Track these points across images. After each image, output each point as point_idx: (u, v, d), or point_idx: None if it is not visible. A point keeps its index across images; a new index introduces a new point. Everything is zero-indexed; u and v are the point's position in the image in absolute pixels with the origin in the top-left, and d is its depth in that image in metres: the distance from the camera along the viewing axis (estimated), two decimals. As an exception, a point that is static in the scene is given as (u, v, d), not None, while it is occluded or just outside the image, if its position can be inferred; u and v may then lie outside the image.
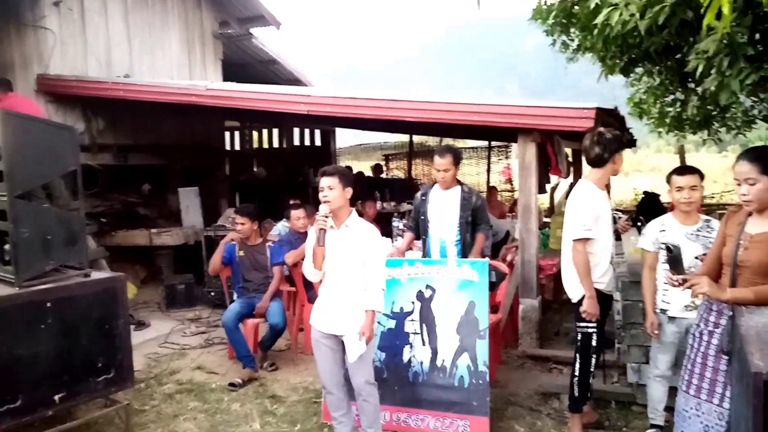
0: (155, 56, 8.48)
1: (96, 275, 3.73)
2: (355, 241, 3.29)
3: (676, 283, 2.62)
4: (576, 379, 3.58)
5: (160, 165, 8.80)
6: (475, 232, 4.46)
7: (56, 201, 4.00)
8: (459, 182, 4.52)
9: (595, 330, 3.51)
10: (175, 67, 8.77)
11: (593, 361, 3.56)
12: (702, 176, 3.39)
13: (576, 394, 3.59)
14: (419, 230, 4.65)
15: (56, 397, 3.44)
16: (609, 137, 3.44)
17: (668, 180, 3.48)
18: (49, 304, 3.40)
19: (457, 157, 4.44)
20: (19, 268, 3.38)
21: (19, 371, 3.27)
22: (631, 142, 3.51)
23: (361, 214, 3.72)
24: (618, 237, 3.98)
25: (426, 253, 4.55)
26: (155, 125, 8.27)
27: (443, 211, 4.46)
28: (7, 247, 3.47)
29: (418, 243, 4.75)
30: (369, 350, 3.33)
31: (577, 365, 3.58)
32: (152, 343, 5.77)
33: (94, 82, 7.00)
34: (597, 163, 3.50)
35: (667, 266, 2.83)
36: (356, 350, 3.24)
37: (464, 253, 4.41)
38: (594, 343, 3.52)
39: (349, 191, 3.31)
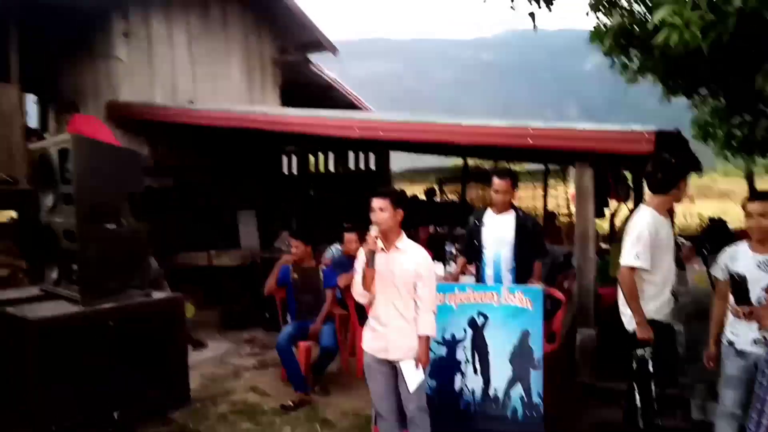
0: (217, 83, 8.80)
1: (156, 295, 3.86)
2: (406, 263, 3.27)
3: (741, 315, 2.48)
4: (639, 410, 3.43)
5: (221, 188, 9.07)
6: (531, 258, 4.37)
7: (121, 223, 4.16)
8: (514, 207, 4.46)
9: (651, 355, 3.38)
10: (235, 92, 9.07)
11: (653, 387, 3.41)
12: None
13: (641, 425, 3.43)
14: (472, 255, 4.59)
15: (115, 414, 3.55)
16: (672, 162, 3.37)
17: (744, 207, 3.34)
18: (110, 323, 3.54)
19: (515, 181, 4.42)
20: (84, 288, 3.54)
21: (81, 387, 3.40)
22: (696, 167, 3.39)
23: (412, 238, 3.71)
24: (682, 266, 3.82)
25: (480, 279, 4.48)
26: (216, 149, 8.54)
27: (498, 236, 4.39)
28: (74, 266, 3.64)
29: (471, 267, 4.69)
30: (423, 372, 3.29)
31: (636, 395, 3.43)
32: (209, 363, 5.87)
33: (160, 108, 7.32)
34: (659, 189, 3.41)
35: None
36: (415, 379, 3.21)
37: (520, 279, 4.32)
38: (651, 369, 3.39)
39: (400, 213, 3.31)
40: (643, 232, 3.32)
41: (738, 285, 2.55)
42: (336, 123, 5.88)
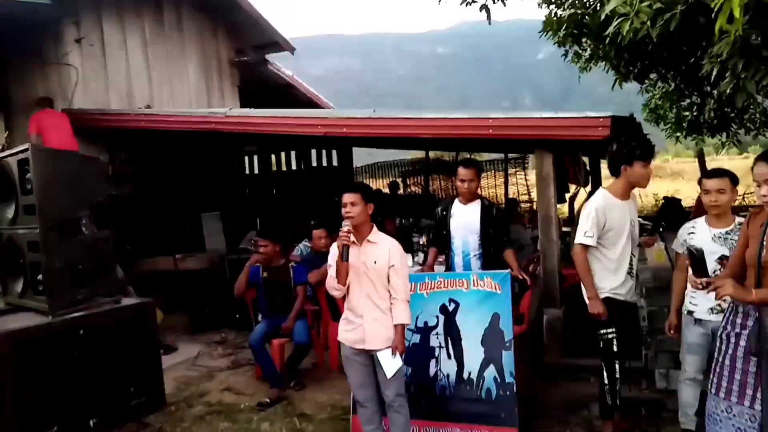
0: (174, 86, 8.69)
1: (125, 301, 3.83)
2: (378, 255, 3.34)
3: (700, 286, 2.63)
4: (607, 387, 3.58)
5: (182, 191, 8.96)
6: (501, 247, 4.51)
7: (85, 232, 4.11)
8: (479, 196, 4.59)
9: (614, 335, 3.54)
10: (194, 95, 8.97)
11: (617, 366, 3.56)
12: (734, 180, 3.40)
13: (608, 402, 3.59)
14: (442, 245, 4.70)
15: (91, 422, 3.52)
16: (620, 148, 3.53)
17: (700, 183, 3.52)
18: (81, 332, 3.50)
19: (480, 170, 4.57)
20: (52, 298, 3.49)
21: (55, 398, 3.36)
22: (648, 155, 3.53)
23: (380, 230, 3.77)
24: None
25: (449, 267, 4.59)
26: (176, 153, 8.44)
27: (465, 224, 4.53)
28: (39, 277, 3.59)
29: (442, 257, 4.80)
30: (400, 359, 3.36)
31: (604, 372, 3.58)
32: (181, 367, 5.83)
33: (116, 114, 7.20)
34: (612, 172, 3.59)
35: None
36: (393, 366, 3.29)
37: (487, 265, 4.45)
38: (615, 348, 3.54)
39: (371, 207, 3.38)
40: (591, 212, 3.50)
41: (695, 258, 2.69)
42: (299, 121, 5.89)
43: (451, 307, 3.91)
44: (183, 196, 9.19)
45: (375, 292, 3.35)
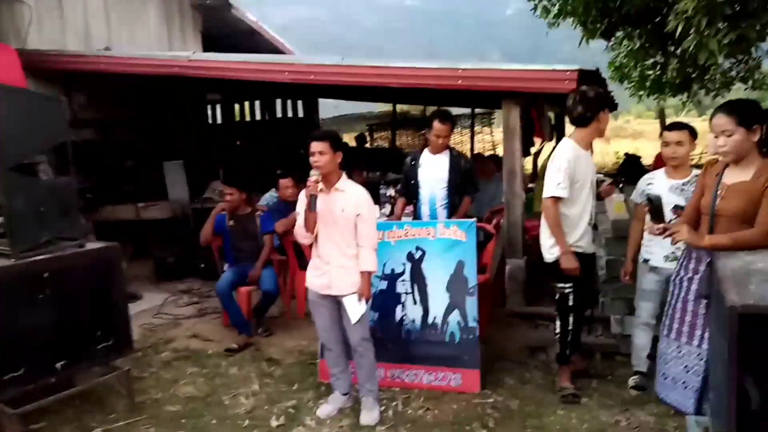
0: (134, 29, 8.37)
1: (90, 245, 3.77)
2: (346, 203, 3.37)
3: (657, 232, 2.75)
4: (558, 336, 3.73)
5: (144, 140, 8.76)
6: (463, 195, 4.60)
7: (47, 173, 4.02)
8: (448, 146, 4.64)
9: (571, 290, 3.60)
10: (154, 39, 8.66)
11: (571, 319, 3.66)
12: (693, 134, 3.52)
13: (558, 350, 3.76)
14: (410, 195, 4.76)
15: (58, 365, 3.51)
16: (592, 95, 3.48)
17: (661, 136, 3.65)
18: (45, 275, 3.45)
19: (454, 123, 4.66)
20: (14, 240, 3.41)
21: (21, 341, 3.33)
22: (613, 106, 3.61)
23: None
24: (600, 199, 4.09)
25: (417, 216, 4.67)
26: (137, 99, 8.20)
27: (433, 174, 4.60)
28: (0, 219, 3.50)
29: (410, 208, 4.86)
30: (366, 307, 3.44)
31: (557, 323, 3.72)
32: (146, 315, 5.83)
33: (73, 55, 6.91)
34: (580, 122, 3.53)
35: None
36: (357, 311, 3.37)
37: (453, 215, 4.55)
38: (571, 303, 3.62)
39: (339, 155, 3.38)
40: (562, 164, 3.46)
41: (653, 205, 2.81)
42: (265, 66, 5.77)
43: (417, 255, 3.99)
44: (144, 144, 8.98)
45: (342, 240, 3.39)
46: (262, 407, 3.78)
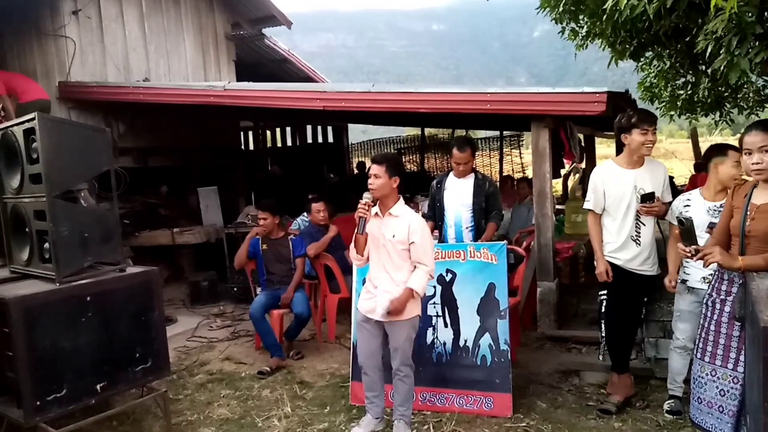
0: (171, 60, 8.66)
1: (131, 270, 3.90)
2: (398, 229, 3.36)
3: (689, 254, 2.73)
4: (603, 347, 3.94)
5: (179, 166, 9.01)
6: (488, 220, 4.62)
7: (91, 200, 4.17)
8: (474, 170, 4.71)
9: (605, 297, 3.85)
10: (190, 69, 8.95)
11: (603, 326, 3.92)
12: None
13: (600, 357, 4.02)
14: (437, 218, 4.81)
15: (98, 386, 3.60)
16: (618, 119, 3.71)
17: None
18: (88, 298, 3.57)
19: (474, 148, 4.73)
20: (58, 265, 3.55)
21: (64, 362, 3.44)
22: (648, 118, 3.69)
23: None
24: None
25: (442, 239, 4.71)
26: (173, 127, 8.45)
27: (458, 197, 4.66)
28: (46, 245, 3.65)
29: (436, 232, 4.90)
30: (411, 332, 3.44)
31: (601, 332, 3.98)
32: (180, 338, 5.95)
33: (114, 87, 7.19)
34: (618, 143, 3.81)
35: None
36: (381, 306, 3.37)
37: (477, 237, 4.60)
38: (603, 310, 3.89)
39: (396, 180, 3.39)
40: (591, 180, 3.77)
41: (684, 227, 2.80)
42: (298, 95, 5.92)
43: (448, 278, 4.01)
44: (181, 171, 9.24)
45: (391, 265, 3.39)
46: (295, 430, 3.82)
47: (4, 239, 4.07)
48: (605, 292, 3.84)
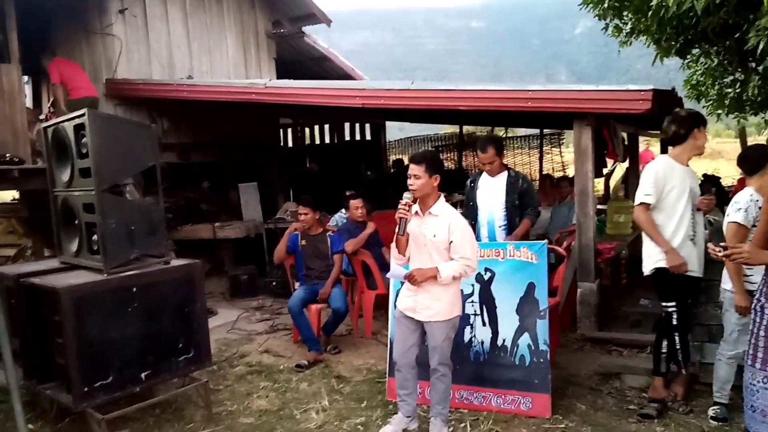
0: (213, 57, 8.81)
1: (175, 262, 4.00)
2: (438, 228, 3.33)
3: (718, 254, 2.64)
4: (663, 354, 3.70)
5: (220, 162, 9.17)
6: (522, 217, 4.57)
7: (138, 194, 4.29)
8: (506, 167, 4.67)
9: (674, 309, 3.62)
10: (231, 67, 9.08)
11: (677, 338, 3.65)
12: None
13: (653, 364, 3.79)
14: (471, 217, 4.80)
15: (142, 375, 3.71)
16: (683, 115, 3.65)
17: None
18: (134, 290, 3.68)
19: (499, 146, 4.64)
20: (106, 257, 3.67)
21: (110, 351, 3.55)
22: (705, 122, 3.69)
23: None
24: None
25: (476, 237, 4.68)
26: (215, 124, 8.59)
27: (490, 196, 4.64)
28: (95, 237, 3.77)
29: None
30: (450, 332, 3.42)
31: (664, 343, 3.68)
32: (221, 330, 6.06)
33: (159, 84, 7.36)
34: (675, 140, 3.67)
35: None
36: (397, 273, 3.39)
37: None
38: (675, 322, 3.63)
39: (436, 178, 3.35)
40: (651, 173, 3.62)
41: (713, 227, 2.72)
42: (338, 92, 5.97)
43: (486, 276, 3.99)
44: (223, 167, 9.41)
45: (431, 264, 3.35)
46: (332, 423, 3.86)
47: (55, 231, 4.23)
48: (673, 304, 3.62)
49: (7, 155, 6.20)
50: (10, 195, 9.96)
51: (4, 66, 6.45)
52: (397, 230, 3.37)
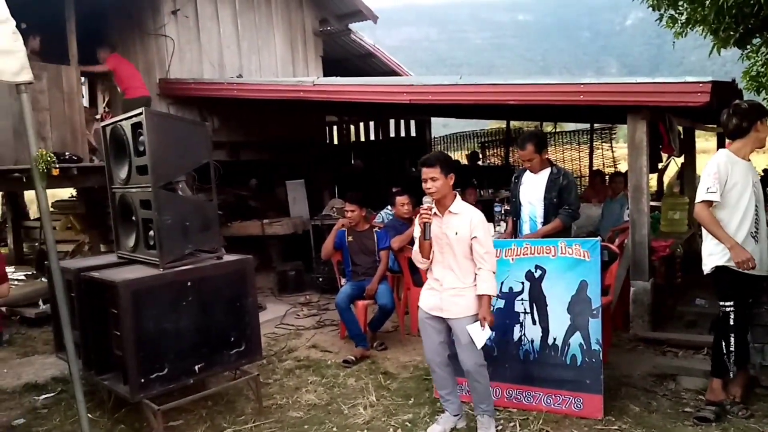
0: (262, 56, 8.96)
1: (227, 258, 4.08)
2: (460, 226, 3.33)
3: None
4: (720, 356, 3.59)
5: (268, 160, 9.32)
6: (557, 215, 4.45)
7: (193, 191, 4.39)
8: (550, 163, 4.57)
9: (732, 309, 3.50)
10: (279, 65, 9.22)
11: (733, 340, 3.53)
12: None
13: (712, 364, 3.67)
14: (515, 213, 4.74)
15: (196, 367, 3.81)
16: (745, 107, 3.50)
17: None
18: (189, 284, 3.77)
19: (538, 143, 4.48)
20: (162, 252, 3.77)
21: (166, 343, 3.66)
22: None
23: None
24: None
25: (517, 234, 4.63)
26: (263, 122, 8.73)
27: (532, 192, 4.56)
28: (151, 233, 3.88)
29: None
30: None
31: (722, 344, 3.57)
32: (269, 324, 6.16)
33: (210, 83, 7.53)
34: (737, 133, 3.53)
35: None
36: (481, 338, 3.26)
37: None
38: (732, 322, 3.51)
39: (452, 178, 3.35)
40: (713, 168, 3.45)
41: None
42: (385, 89, 5.97)
43: (537, 274, 3.92)
44: (271, 164, 9.56)
45: (455, 263, 3.35)
46: (380, 419, 3.87)
47: (113, 227, 4.38)
48: (731, 303, 3.50)
49: (67, 153, 6.45)
50: (67, 192, 10.37)
51: (64, 68, 6.72)
52: (421, 236, 3.36)
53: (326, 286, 7.31)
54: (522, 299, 3.95)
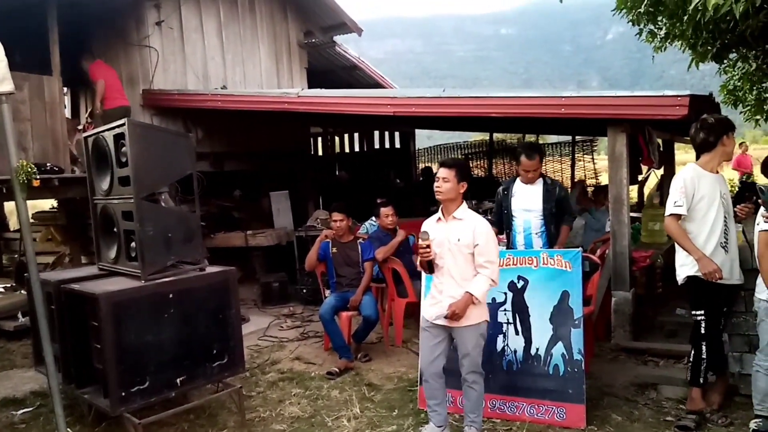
0: (246, 67, 8.95)
1: (210, 269, 4.06)
2: (463, 233, 3.36)
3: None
4: (690, 365, 3.68)
5: (252, 171, 9.29)
6: (560, 224, 4.56)
7: (175, 202, 4.37)
8: (542, 175, 4.65)
9: (703, 318, 3.58)
10: (264, 77, 9.22)
11: (704, 348, 3.60)
12: None
13: (689, 375, 3.71)
14: (502, 225, 4.78)
15: (178, 380, 3.77)
16: (712, 122, 3.56)
17: None
18: (170, 296, 3.74)
19: (542, 155, 4.69)
20: (144, 263, 3.74)
21: (147, 356, 3.62)
22: (732, 126, 3.64)
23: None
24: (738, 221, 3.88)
25: (511, 246, 4.66)
26: (246, 133, 8.70)
27: (527, 203, 4.61)
28: (133, 244, 3.85)
29: (502, 237, 4.86)
30: (479, 338, 3.41)
31: (691, 352, 3.67)
32: (253, 336, 6.11)
33: (194, 94, 7.51)
34: (704, 147, 3.60)
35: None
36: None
37: (550, 243, 4.53)
38: (703, 330, 3.59)
39: (464, 186, 3.41)
40: (680, 183, 3.55)
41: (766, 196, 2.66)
42: (369, 101, 6.00)
43: (519, 284, 3.96)
44: (255, 176, 9.53)
45: (456, 270, 3.36)
46: (364, 430, 3.86)
47: (94, 238, 4.33)
48: (702, 312, 3.58)
49: (48, 164, 6.38)
50: (48, 203, 10.25)
51: (46, 78, 6.66)
52: (424, 271, 3.50)
53: (310, 297, 7.28)
54: (505, 309, 3.98)
